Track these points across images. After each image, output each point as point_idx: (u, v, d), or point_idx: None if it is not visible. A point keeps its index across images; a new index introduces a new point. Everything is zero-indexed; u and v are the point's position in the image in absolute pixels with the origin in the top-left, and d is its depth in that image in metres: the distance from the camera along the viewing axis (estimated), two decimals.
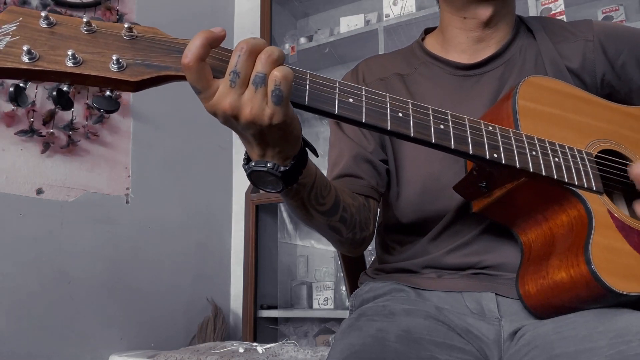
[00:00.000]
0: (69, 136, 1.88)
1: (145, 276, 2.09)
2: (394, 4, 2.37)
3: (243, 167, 0.62)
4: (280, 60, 0.54)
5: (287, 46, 2.59)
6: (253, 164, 0.59)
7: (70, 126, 1.88)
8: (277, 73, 0.53)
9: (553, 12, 2.02)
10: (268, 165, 0.59)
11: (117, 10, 2.10)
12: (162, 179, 2.24)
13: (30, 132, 1.76)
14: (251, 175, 0.60)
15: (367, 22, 2.49)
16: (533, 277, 0.72)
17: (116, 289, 1.97)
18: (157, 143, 2.22)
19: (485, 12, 0.87)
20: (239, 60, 0.53)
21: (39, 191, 1.78)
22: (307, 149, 0.64)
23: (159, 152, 2.23)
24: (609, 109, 0.82)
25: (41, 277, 1.74)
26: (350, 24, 2.49)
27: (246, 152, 0.62)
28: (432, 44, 0.96)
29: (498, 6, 0.87)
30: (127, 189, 2.08)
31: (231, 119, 0.55)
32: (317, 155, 0.68)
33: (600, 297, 0.65)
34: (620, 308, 0.66)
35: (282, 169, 0.59)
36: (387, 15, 2.38)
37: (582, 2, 2.13)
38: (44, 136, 1.80)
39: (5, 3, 1.75)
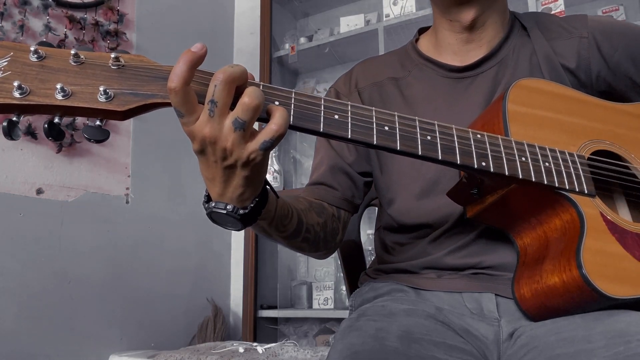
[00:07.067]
0: (70, 136, 1.88)
1: (145, 276, 2.09)
2: (394, 4, 2.36)
3: (203, 204, 0.62)
4: (262, 105, 0.54)
5: (287, 46, 2.59)
6: (213, 204, 0.60)
7: (70, 126, 1.88)
8: (276, 128, 0.54)
9: (553, 12, 2.01)
10: (228, 207, 0.59)
11: (118, 10, 2.11)
12: (162, 179, 2.24)
13: (30, 132, 1.77)
14: (211, 214, 0.61)
15: (367, 22, 2.48)
16: (528, 281, 0.72)
17: (116, 289, 1.97)
18: (157, 143, 2.22)
19: (467, 15, 0.86)
20: (216, 90, 0.53)
21: (39, 191, 1.78)
22: (267, 188, 0.64)
23: (159, 152, 2.23)
24: (603, 108, 0.81)
25: (41, 277, 1.74)
26: (350, 24, 2.49)
27: (207, 190, 0.62)
28: (425, 45, 0.96)
29: (481, 8, 0.86)
30: (127, 189, 2.08)
31: (208, 146, 0.55)
32: (277, 197, 0.68)
33: (592, 301, 0.65)
34: (618, 309, 0.66)
35: (241, 212, 0.60)
36: (387, 15, 2.37)
37: (582, 2, 2.12)
38: (44, 136, 1.80)
39: (5, 4, 1.76)
